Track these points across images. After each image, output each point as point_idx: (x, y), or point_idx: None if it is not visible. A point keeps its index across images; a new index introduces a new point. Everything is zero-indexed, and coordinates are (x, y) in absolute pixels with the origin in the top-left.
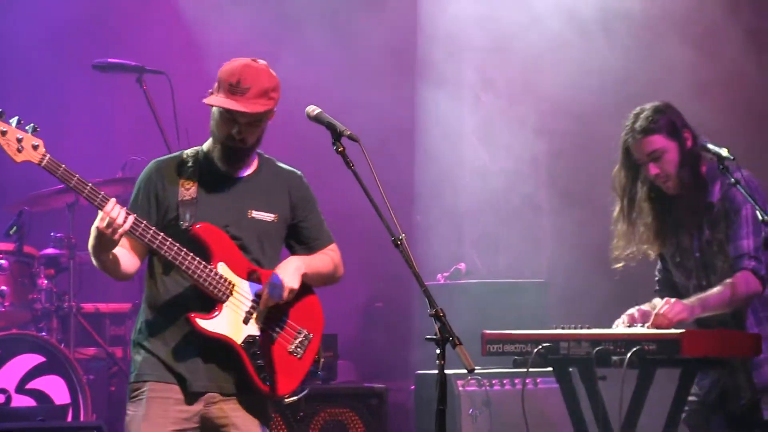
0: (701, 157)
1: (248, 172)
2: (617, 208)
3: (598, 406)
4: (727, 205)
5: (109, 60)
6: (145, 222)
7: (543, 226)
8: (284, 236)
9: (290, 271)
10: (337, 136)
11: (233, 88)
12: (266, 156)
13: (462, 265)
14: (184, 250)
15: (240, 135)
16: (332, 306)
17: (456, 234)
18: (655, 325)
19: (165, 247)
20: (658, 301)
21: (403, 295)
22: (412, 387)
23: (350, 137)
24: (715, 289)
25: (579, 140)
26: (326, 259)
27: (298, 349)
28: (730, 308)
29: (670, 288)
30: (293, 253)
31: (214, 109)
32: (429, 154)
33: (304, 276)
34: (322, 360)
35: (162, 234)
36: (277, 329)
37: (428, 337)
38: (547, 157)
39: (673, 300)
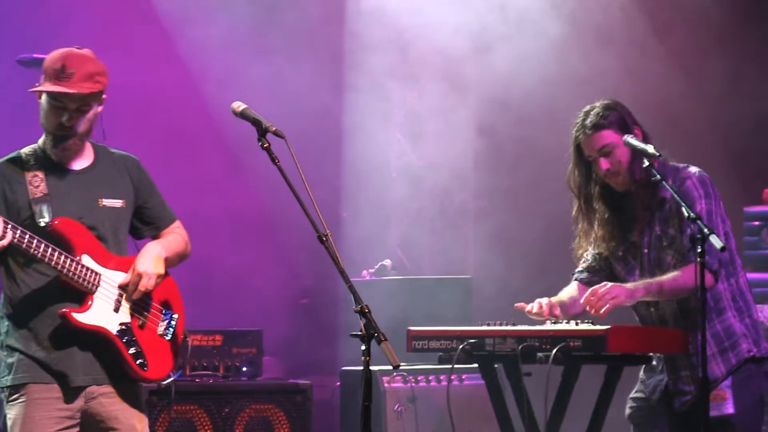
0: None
1: (89, 161)
2: (575, 207)
3: (524, 403)
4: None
5: (35, 55)
6: (11, 222)
7: (469, 222)
8: (131, 221)
9: (153, 258)
10: (262, 132)
11: (58, 74)
12: (99, 144)
13: (387, 262)
14: (51, 246)
15: (70, 122)
16: (258, 302)
17: (382, 230)
18: (585, 302)
19: (33, 246)
20: (566, 293)
21: (329, 292)
22: (338, 383)
23: (276, 133)
24: (666, 276)
25: (510, 138)
26: (178, 238)
27: (167, 331)
28: (678, 295)
29: (596, 273)
30: (139, 236)
31: (43, 100)
32: (357, 151)
33: (165, 259)
34: (188, 340)
35: (29, 233)
36: (145, 314)
37: (353, 333)
38: (476, 155)
39: (610, 284)
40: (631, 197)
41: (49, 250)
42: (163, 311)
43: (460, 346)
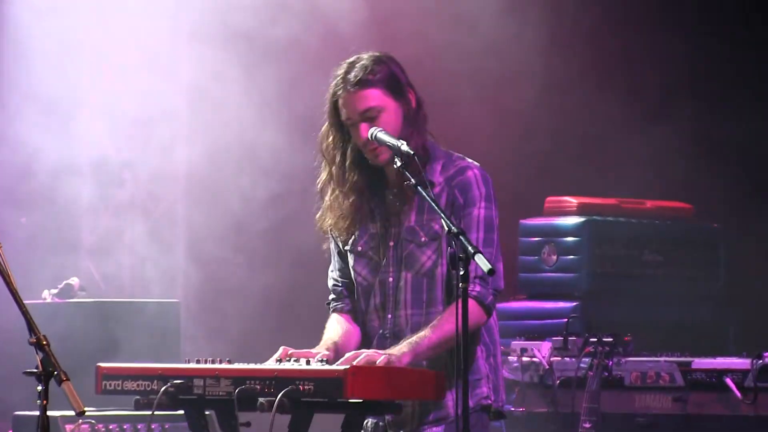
0: (425, 129)
1: None
2: (324, 176)
3: None
4: (457, 192)
5: None
6: None
7: (179, 233)
8: None
9: None
10: None
11: None
12: None
13: (75, 281)
14: None
15: None
16: None
17: (69, 241)
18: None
19: None
20: (333, 332)
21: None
22: (10, 431)
23: None
24: (427, 330)
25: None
26: None
27: None
28: (450, 346)
29: (350, 295)
30: None
31: None
32: (36, 140)
33: None
34: None
35: None
36: None
37: (28, 370)
38: (190, 149)
39: (368, 353)
40: (389, 175)
41: None
42: None
43: (163, 388)
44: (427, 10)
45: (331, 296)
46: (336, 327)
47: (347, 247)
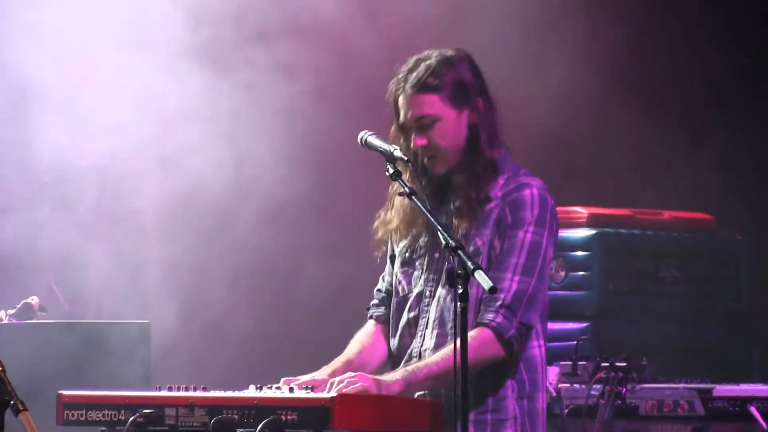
0: (496, 139)
1: None
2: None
3: None
4: (507, 210)
5: None
6: None
7: (150, 244)
8: None
9: None
10: None
11: None
12: None
13: (34, 300)
14: None
15: None
16: None
17: (32, 254)
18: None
19: None
20: (354, 347)
21: None
22: None
23: None
24: (437, 357)
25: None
26: None
27: None
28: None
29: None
30: None
31: None
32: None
33: None
34: None
35: None
36: None
37: None
38: (162, 146)
39: (355, 375)
40: (451, 184)
41: None
42: None
43: (131, 419)
44: (448, 23)
45: (373, 301)
46: (360, 341)
47: (397, 250)
